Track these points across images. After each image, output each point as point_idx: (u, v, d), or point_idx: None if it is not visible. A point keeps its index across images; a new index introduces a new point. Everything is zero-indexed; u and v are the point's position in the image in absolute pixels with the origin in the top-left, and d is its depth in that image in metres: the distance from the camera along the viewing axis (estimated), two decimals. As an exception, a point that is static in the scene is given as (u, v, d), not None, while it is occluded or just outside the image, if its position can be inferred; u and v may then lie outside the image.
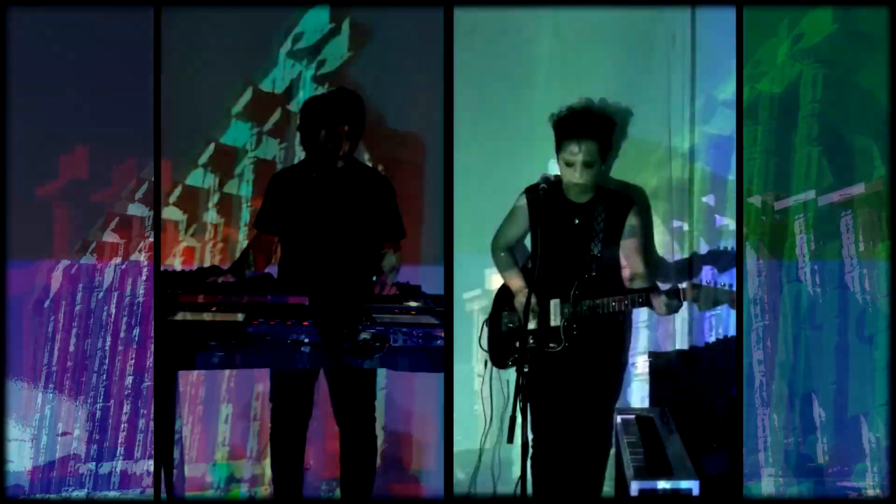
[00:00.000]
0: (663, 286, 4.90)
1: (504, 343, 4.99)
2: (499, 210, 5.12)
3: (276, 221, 5.03)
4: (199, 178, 6.40)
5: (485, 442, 5.15)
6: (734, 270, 5.28)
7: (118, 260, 6.30)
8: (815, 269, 5.91)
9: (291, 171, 5.11)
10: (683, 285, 4.73)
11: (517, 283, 4.97)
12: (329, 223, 4.94)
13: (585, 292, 4.79)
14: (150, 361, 6.14)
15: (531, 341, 4.82)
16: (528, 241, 5.14)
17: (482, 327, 5.10)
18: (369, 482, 5.03)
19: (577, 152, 4.78)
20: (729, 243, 5.52)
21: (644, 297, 4.74)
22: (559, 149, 4.84)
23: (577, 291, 4.79)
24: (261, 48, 6.29)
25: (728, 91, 5.82)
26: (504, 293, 5.08)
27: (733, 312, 5.46)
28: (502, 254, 5.05)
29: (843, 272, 5.87)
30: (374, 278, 4.83)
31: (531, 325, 4.84)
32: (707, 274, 5.24)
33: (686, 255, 5.58)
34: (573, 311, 4.79)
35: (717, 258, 5.39)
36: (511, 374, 4.68)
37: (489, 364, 5.05)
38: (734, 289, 4.81)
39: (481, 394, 5.15)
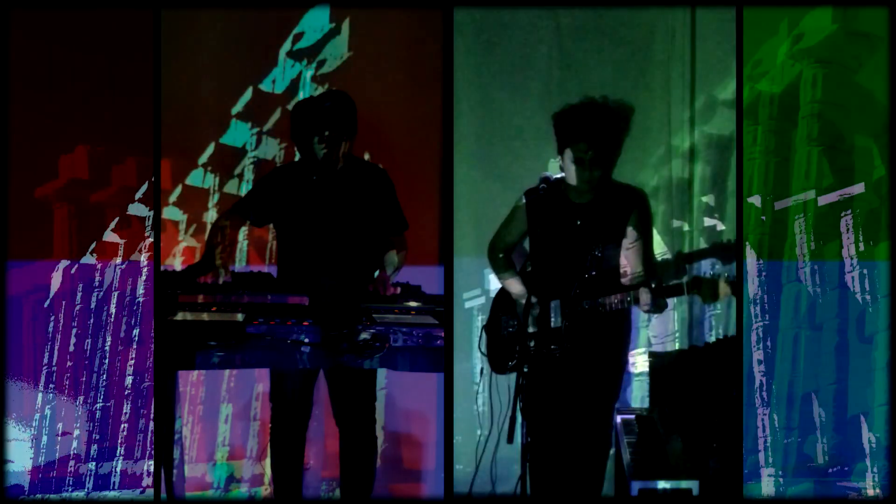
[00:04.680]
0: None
1: (503, 348, 4.97)
2: (499, 210, 5.10)
3: (259, 211, 5.00)
4: (199, 178, 6.39)
5: (485, 447, 5.14)
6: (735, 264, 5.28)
7: (118, 260, 6.30)
8: (815, 269, 5.91)
9: (291, 169, 5.10)
10: (684, 279, 4.70)
11: (517, 287, 4.95)
12: (331, 222, 4.94)
13: (586, 292, 4.77)
14: (150, 361, 6.14)
15: (531, 344, 4.80)
16: (526, 244, 5.11)
17: (481, 333, 5.08)
18: (369, 483, 5.02)
19: (586, 149, 4.70)
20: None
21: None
22: (565, 146, 4.75)
23: (578, 291, 4.77)
24: (262, 49, 6.29)
25: (728, 91, 5.82)
26: (502, 297, 5.05)
27: (733, 313, 5.45)
28: (500, 255, 5.01)
29: (843, 272, 5.86)
30: (377, 274, 4.81)
31: (531, 329, 4.82)
32: (709, 267, 5.23)
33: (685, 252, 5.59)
34: (574, 311, 4.77)
35: (720, 251, 5.38)
36: (510, 378, 4.67)
37: (486, 370, 5.02)
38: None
39: (477, 401, 5.13)
